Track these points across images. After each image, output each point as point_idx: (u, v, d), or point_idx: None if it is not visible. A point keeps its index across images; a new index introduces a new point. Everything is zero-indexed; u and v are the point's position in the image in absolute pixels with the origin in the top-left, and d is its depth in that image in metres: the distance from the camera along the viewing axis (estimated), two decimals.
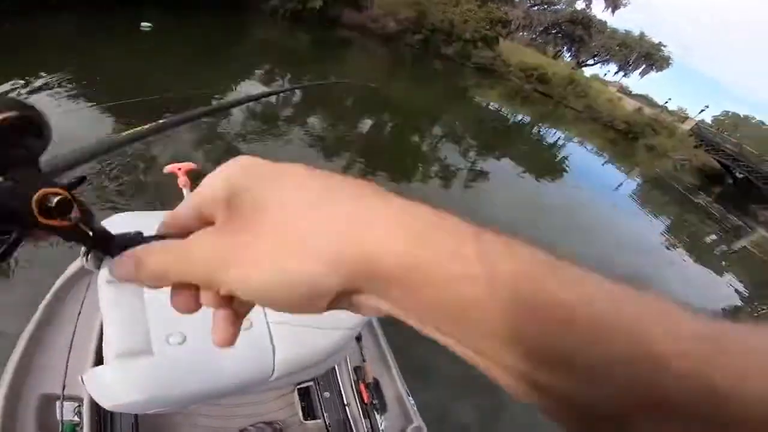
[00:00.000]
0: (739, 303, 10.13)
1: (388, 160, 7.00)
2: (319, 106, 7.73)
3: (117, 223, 0.81)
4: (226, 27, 11.69)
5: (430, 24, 16.43)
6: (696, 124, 26.22)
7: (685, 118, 26.29)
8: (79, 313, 0.97)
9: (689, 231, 14.03)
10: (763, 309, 10.67)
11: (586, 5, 31.82)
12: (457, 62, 18.08)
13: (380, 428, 1.33)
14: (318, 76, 9.68)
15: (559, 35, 35.73)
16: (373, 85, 9.83)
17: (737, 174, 25.75)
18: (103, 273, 0.75)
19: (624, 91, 29.43)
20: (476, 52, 18.65)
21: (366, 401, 1.38)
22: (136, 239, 0.19)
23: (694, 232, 14.41)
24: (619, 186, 14.34)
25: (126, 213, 0.90)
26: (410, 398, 1.52)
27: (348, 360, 1.42)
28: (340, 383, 1.38)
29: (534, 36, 36.41)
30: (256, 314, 0.76)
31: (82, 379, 0.72)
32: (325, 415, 1.32)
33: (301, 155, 5.44)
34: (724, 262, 13.42)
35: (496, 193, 7.72)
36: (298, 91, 8.09)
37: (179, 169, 1.36)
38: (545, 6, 33.81)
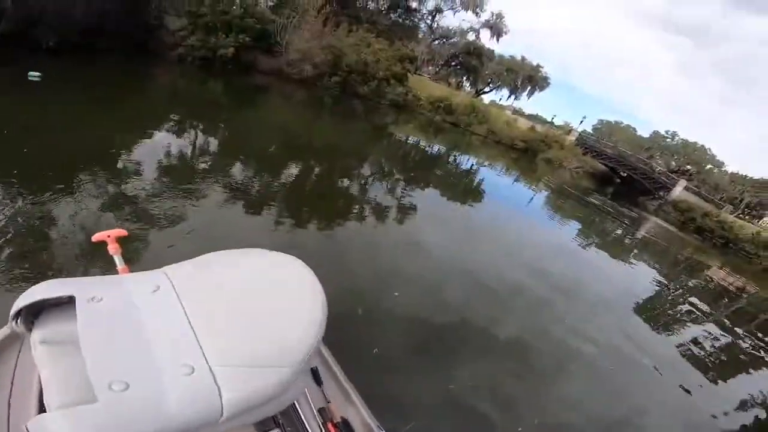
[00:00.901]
0: (657, 288, 12.04)
1: (320, 207, 7.08)
2: (238, 155, 7.69)
3: (44, 290, 0.81)
4: (129, 75, 11.21)
5: (345, 66, 17.26)
6: (579, 134, 30.73)
7: (569, 130, 30.60)
8: (14, 373, 0.94)
9: (597, 229, 16.31)
10: (678, 289, 12.74)
11: (476, 36, 36.10)
12: (374, 100, 19.21)
13: None
14: (234, 124, 9.65)
15: (458, 66, 39.84)
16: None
17: (621, 173, 30.62)
18: (36, 334, 0.76)
19: (518, 112, 33.40)
20: (389, 89, 19.96)
21: None
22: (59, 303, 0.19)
23: (602, 230, 16.81)
24: (530, 200, 16.14)
25: (55, 280, 0.89)
26: (382, 430, 1.49)
27: (311, 402, 1.39)
28: (306, 425, 1.31)
29: (437, 69, 40.09)
30: (196, 358, 0.76)
31: (26, 428, 0.71)
32: None
33: (223, 215, 5.28)
34: (634, 251, 15.86)
35: (426, 223, 8.26)
36: (212, 141, 7.98)
37: (108, 236, 1.33)
38: (444, 40, 37.64)
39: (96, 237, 1.38)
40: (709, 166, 40.88)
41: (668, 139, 43.56)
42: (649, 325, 8.74)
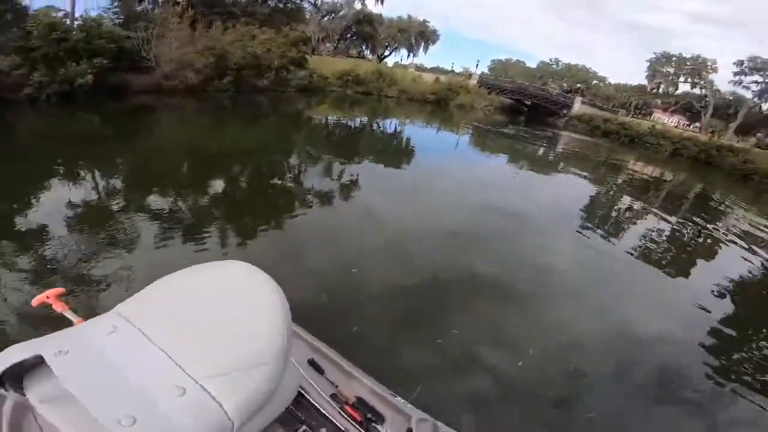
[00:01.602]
0: (593, 192, 13.04)
1: (260, 210, 6.50)
2: (150, 186, 6.65)
3: (8, 358, 0.80)
4: None
5: (234, 64, 15.83)
6: (479, 76, 32.27)
7: (470, 75, 31.95)
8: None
9: (523, 154, 17.36)
10: (611, 189, 13.85)
11: (362, 4, 35.51)
12: (278, 90, 18.03)
13: None
14: (130, 153, 8.34)
15: (354, 38, 39.23)
16: None
17: (526, 102, 33.45)
18: (32, 395, 0.78)
19: (420, 68, 33.97)
20: (291, 75, 18.89)
21: (360, 419, 1.37)
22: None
23: (527, 154, 17.93)
24: (457, 144, 16.62)
25: (21, 343, 0.86)
26: (397, 398, 1.51)
27: (321, 392, 1.43)
28: (326, 413, 1.35)
29: (335, 45, 39.10)
30: (182, 379, 0.76)
31: None
32: None
33: (161, 248, 4.56)
34: (561, 164, 17.12)
35: (370, 193, 8.13)
36: (115, 179, 6.84)
37: (48, 297, 1.31)
38: (332, 15, 36.53)
39: (35, 301, 1.32)
40: (594, 82, 45.96)
41: (554, 66, 47.90)
42: (599, 228, 9.44)
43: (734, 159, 23.15)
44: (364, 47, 40.56)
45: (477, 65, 34.88)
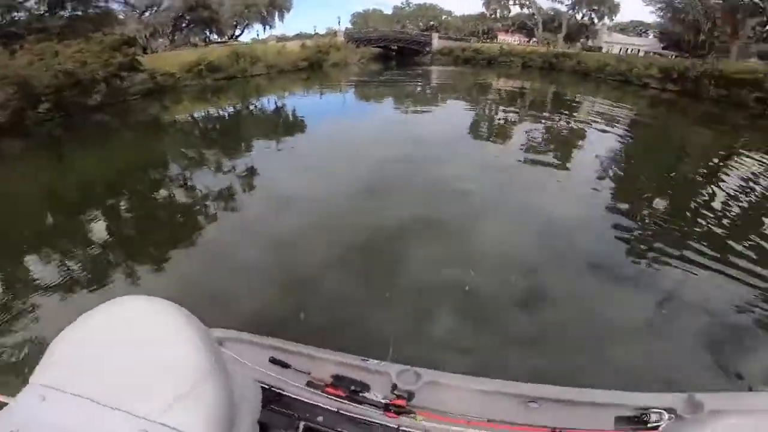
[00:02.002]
0: (474, 112, 13.90)
1: (159, 234, 5.52)
2: (15, 251, 5.01)
3: None
4: None
5: (45, 88, 12.58)
6: (344, 32, 31.69)
7: (335, 33, 31.13)
8: None
9: (404, 94, 17.85)
10: (487, 107, 14.86)
11: None
12: (119, 102, 15.10)
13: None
14: None
15: (192, 26, 34.51)
16: None
17: (393, 47, 34.47)
18: None
19: (283, 38, 31.90)
20: (128, 82, 15.89)
21: (345, 394, 1.36)
22: None
23: (407, 93, 18.48)
24: (343, 102, 16.32)
25: None
26: (369, 360, 1.48)
27: (296, 384, 1.41)
28: (311, 402, 1.35)
29: (171, 38, 33.97)
30: (138, 423, 0.75)
31: None
32: None
33: (52, 310, 3.58)
34: (439, 95, 17.97)
35: (272, 174, 7.53)
36: None
37: None
38: (154, 8, 31.33)
39: None
40: (444, 17, 48.77)
41: (406, 8, 49.24)
42: (489, 142, 10.23)
43: (571, 62, 27.16)
44: (208, 33, 36.08)
45: (339, 22, 34.25)
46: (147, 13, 31.05)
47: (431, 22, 48.41)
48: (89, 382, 0.82)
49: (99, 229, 5.51)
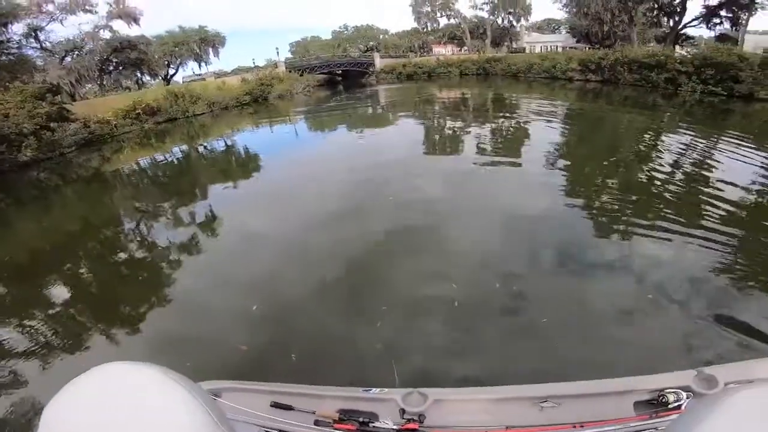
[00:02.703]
0: (423, 125, 14.32)
1: (123, 294, 5.12)
2: None
3: None
4: None
5: None
6: (285, 63, 31.68)
7: (275, 64, 31.04)
8: None
9: (355, 118, 18.10)
10: (435, 117, 15.39)
11: (110, 31, 29.63)
12: (54, 156, 14.01)
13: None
14: None
15: (121, 68, 32.86)
16: None
17: (337, 72, 34.89)
18: None
19: (220, 74, 31.24)
20: (59, 133, 14.77)
21: (354, 428, 1.31)
22: None
23: (359, 115, 18.79)
24: (296, 133, 16.23)
25: None
26: (372, 390, 1.45)
27: (301, 425, 1.35)
28: None
29: (99, 83, 32.09)
30: None
31: None
32: None
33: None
34: (389, 114, 18.40)
35: (238, 217, 7.28)
36: None
37: None
38: (75, 52, 29.53)
39: None
40: (382, 36, 50.42)
41: (345, 32, 50.31)
42: (443, 151, 10.65)
43: (502, 65, 29.06)
44: (139, 74, 34.49)
45: (278, 53, 34.12)
46: (68, 58, 29.18)
47: (371, 43, 49.83)
48: None
49: (60, 295, 5.06)
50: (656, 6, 23.63)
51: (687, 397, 1.21)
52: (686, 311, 3.54)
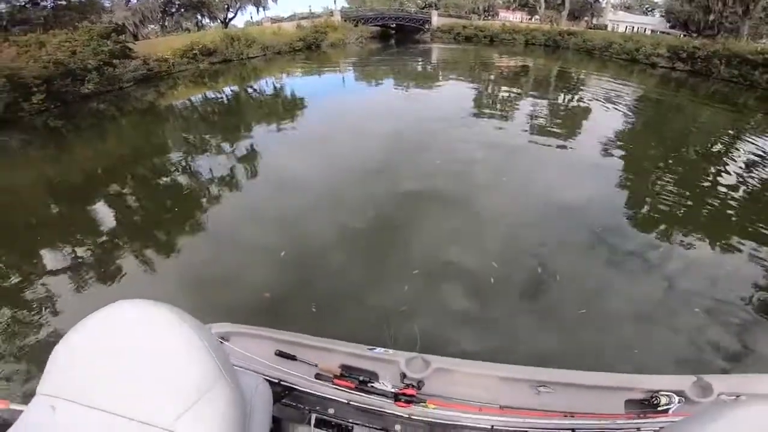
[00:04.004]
0: (477, 91, 13.63)
1: (167, 222, 5.40)
2: (25, 239, 4.89)
3: None
4: None
5: (34, 78, 12.18)
6: (341, 12, 30.80)
7: (332, 13, 30.21)
8: None
9: (405, 73, 17.53)
10: (491, 84, 14.53)
11: None
12: (114, 90, 14.72)
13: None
14: None
15: (183, 11, 33.47)
16: None
17: (392, 26, 33.70)
18: None
19: (277, 20, 30.97)
20: (120, 69, 15.43)
21: (354, 385, 1.33)
22: None
23: (409, 72, 18.18)
24: (343, 81, 16.04)
25: None
26: (377, 349, 1.45)
27: (306, 377, 1.38)
28: (326, 395, 1.34)
29: (161, 24, 33.00)
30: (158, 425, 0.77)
31: None
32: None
33: (74, 302, 3.43)
34: (440, 74, 17.60)
35: (282, 157, 7.45)
36: None
37: None
38: None
39: None
40: None
41: None
42: (493, 118, 9.99)
43: (576, 39, 26.37)
44: (199, 17, 34.99)
45: (335, 1, 33.43)
46: (133, 0, 30.12)
47: (430, 0, 46.98)
48: (98, 391, 0.81)
49: (103, 218, 5.41)
50: None
51: (679, 402, 1.21)
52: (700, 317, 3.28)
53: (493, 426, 1.20)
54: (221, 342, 1.37)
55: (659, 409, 1.20)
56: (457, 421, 1.23)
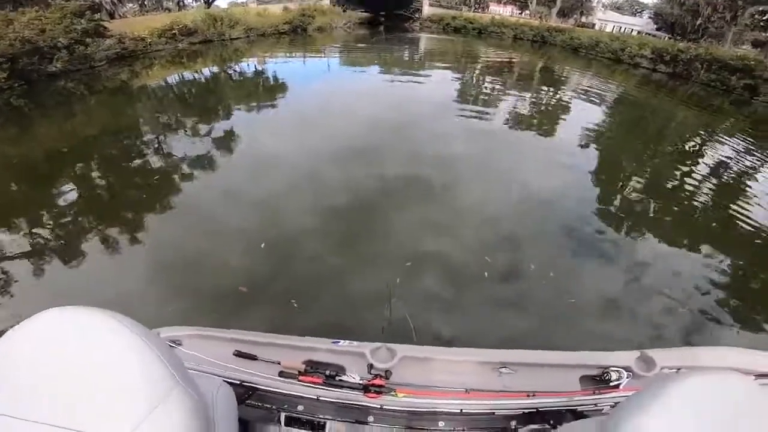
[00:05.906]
0: (461, 81, 13.59)
1: (137, 203, 5.16)
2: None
3: None
4: None
5: None
6: None
7: None
8: None
9: (392, 60, 17.26)
10: (475, 74, 14.48)
11: None
12: (84, 68, 14.02)
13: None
14: None
15: None
16: None
17: (381, 13, 33.29)
18: None
19: (263, 1, 30.03)
20: (93, 48, 14.68)
21: (321, 380, 1.29)
22: None
23: (395, 60, 17.91)
24: (328, 66, 15.73)
25: None
26: (340, 342, 1.43)
27: (269, 375, 1.33)
28: (292, 393, 1.30)
29: (142, 3, 31.54)
30: None
31: None
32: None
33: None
34: (426, 63, 17.46)
35: (255, 137, 7.44)
36: None
37: None
38: None
39: None
40: None
41: None
42: (475, 110, 9.97)
43: (563, 37, 26.54)
44: None
45: None
46: None
47: None
48: (46, 407, 0.71)
49: (66, 198, 5.18)
50: None
51: (627, 377, 1.27)
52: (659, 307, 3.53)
53: (462, 410, 1.23)
54: (173, 346, 1.29)
55: (611, 384, 1.26)
56: (427, 407, 1.25)
